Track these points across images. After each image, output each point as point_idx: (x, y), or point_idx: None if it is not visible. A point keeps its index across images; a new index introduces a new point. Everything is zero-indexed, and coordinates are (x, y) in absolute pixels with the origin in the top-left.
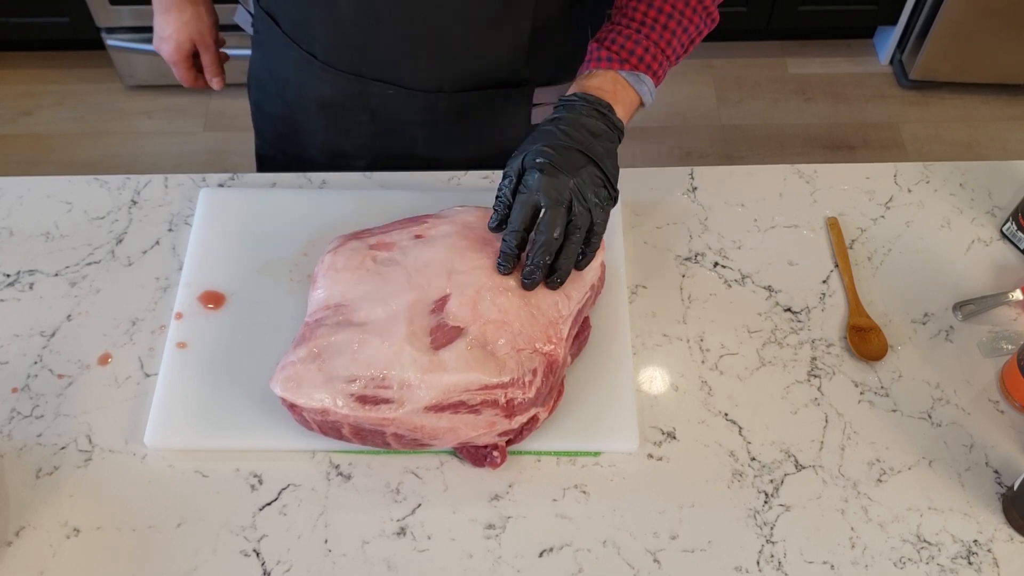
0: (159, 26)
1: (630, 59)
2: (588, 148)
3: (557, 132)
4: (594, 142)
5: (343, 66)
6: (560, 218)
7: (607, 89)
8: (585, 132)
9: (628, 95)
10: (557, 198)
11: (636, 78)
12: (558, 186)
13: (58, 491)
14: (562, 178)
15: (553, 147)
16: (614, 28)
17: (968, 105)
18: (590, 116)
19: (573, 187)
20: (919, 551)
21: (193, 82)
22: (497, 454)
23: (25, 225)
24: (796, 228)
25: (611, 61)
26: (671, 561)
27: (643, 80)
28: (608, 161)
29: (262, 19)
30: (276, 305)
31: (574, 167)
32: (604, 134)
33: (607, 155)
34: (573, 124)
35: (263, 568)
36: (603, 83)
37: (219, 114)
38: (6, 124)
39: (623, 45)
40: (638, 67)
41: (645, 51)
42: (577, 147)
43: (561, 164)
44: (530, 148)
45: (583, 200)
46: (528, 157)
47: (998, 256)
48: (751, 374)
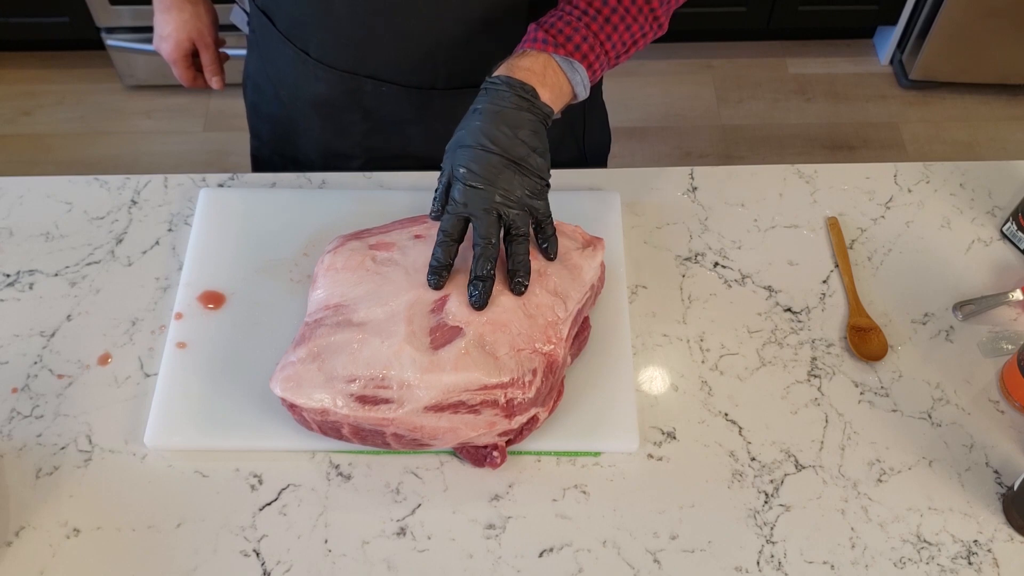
0: (159, 25)
1: (566, 45)
2: (507, 150)
3: (478, 133)
4: (514, 140)
5: (337, 64)
6: (493, 226)
7: (536, 71)
8: (504, 128)
9: (558, 80)
10: (484, 207)
11: (570, 65)
12: (483, 196)
13: (58, 491)
14: (486, 188)
15: (473, 158)
16: (556, 13)
17: (968, 105)
18: (511, 105)
19: (499, 195)
20: (919, 551)
21: (192, 82)
22: (497, 454)
23: (25, 225)
24: (796, 228)
25: (546, 43)
26: (671, 561)
27: (577, 69)
28: (532, 157)
29: (257, 18)
30: (276, 305)
31: (495, 174)
32: (527, 123)
33: (529, 152)
34: (493, 120)
35: (263, 568)
36: (533, 64)
37: (219, 114)
38: (6, 124)
39: (561, 30)
40: (573, 54)
41: (583, 40)
42: (496, 151)
43: (483, 173)
44: (456, 153)
45: (511, 203)
46: (453, 167)
47: (998, 256)
48: (751, 374)
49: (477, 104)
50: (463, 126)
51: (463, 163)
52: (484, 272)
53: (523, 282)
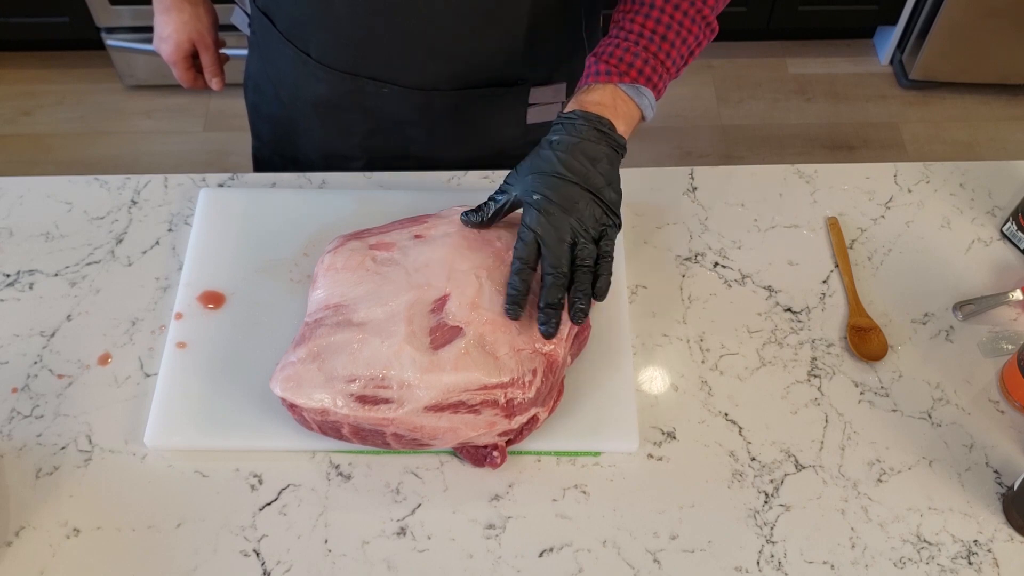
0: (159, 26)
1: (629, 72)
2: (585, 179)
3: (555, 161)
4: (592, 171)
5: (338, 65)
6: (564, 255)
7: (607, 104)
8: (583, 159)
9: (629, 109)
10: (558, 237)
11: (636, 91)
12: (558, 224)
13: (58, 491)
14: (561, 216)
15: (550, 185)
16: (611, 41)
17: (968, 105)
18: (589, 138)
19: (573, 224)
20: (919, 551)
21: (192, 83)
22: (497, 454)
23: (25, 225)
24: (796, 228)
25: (610, 75)
26: (671, 561)
27: (643, 93)
28: (607, 191)
29: (258, 19)
30: (276, 305)
31: (572, 203)
32: (604, 157)
33: (606, 183)
34: (571, 151)
35: (263, 568)
36: (603, 98)
37: (219, 114)
38: (6, 124)
39: (621, 58)
40: (638, 80)
41: (644, 63)
42: (574, 180)
43: (560, 201)
44: (528, 179)
45: (585, 234)
46: (526, 192)
47: (998, 256)
48: (751, 374)
49: (552, 136)
50: (537, 154)
51: (539, 189)
52: (555, 300)
53: (583, 312)
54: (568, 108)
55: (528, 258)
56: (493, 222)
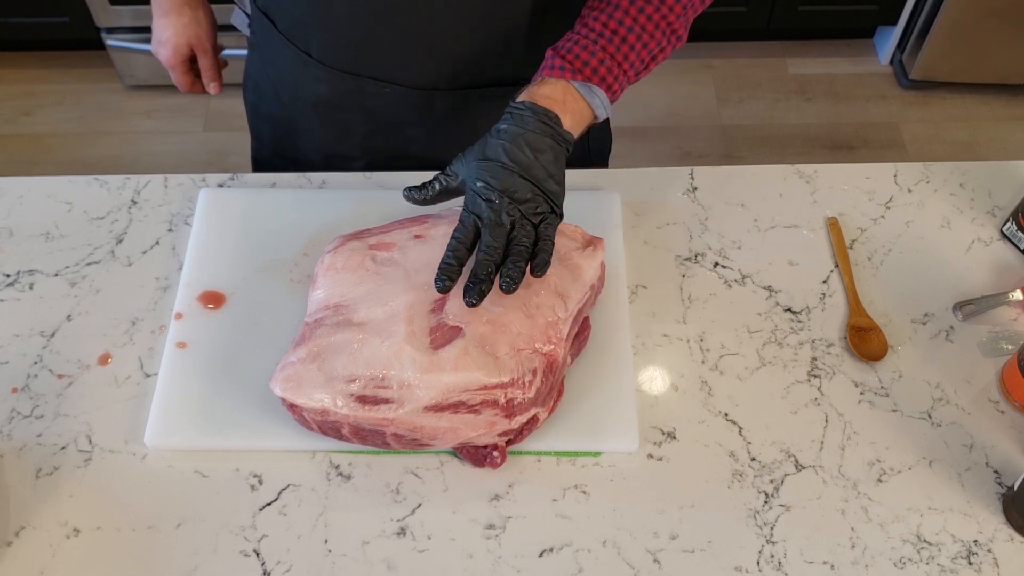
0: (157, 30)
1: (583, 70)
2: (527, 170)
3: (500, 151)
4: (535, 162)
5: (339, 65)
6: (500, 237)
7: (556, 99)
8: (527, 150)
9: (579, 106)
10: (496, 220)
11: (588, 89)
12: (497, 209)
13: (58, 491)
14: (501, 202)
15: (493, 173)
16: (572, 37)
17: (968, 105)
18: (535, 130)
19: (511, 211)
20: (919, 551)
21: (190, 87)
22: (497, 454)
23: (25, 225)
24: (796, 228)
25: (563, 70)
26: (671, 561)
27: (595, 92)
28: (549, 182)
29: (258, 19)
30: (276, 305)
31: (512, 192)
32: (548, 149)
33: (548, 175)
34: (515, 141)
35: (263, 568)
36: (553, 92)
37: (219, 114)
38: (6, 124)
39: (578, 55)
40: (591, 78)
41: (600, 63)
42: (516, 170)
43: (501, 189)
44: (472, 165)
45: (523, 220)
46: (470, 179)
47: (998, 256)
48: (751, 374)
49: (500, 125)
50: (484, 142)
51: (482, 176)
52: (483, 274)
53: (512, 279)
54: (519, 98)
55: (465, 239)
56: (435, 202)
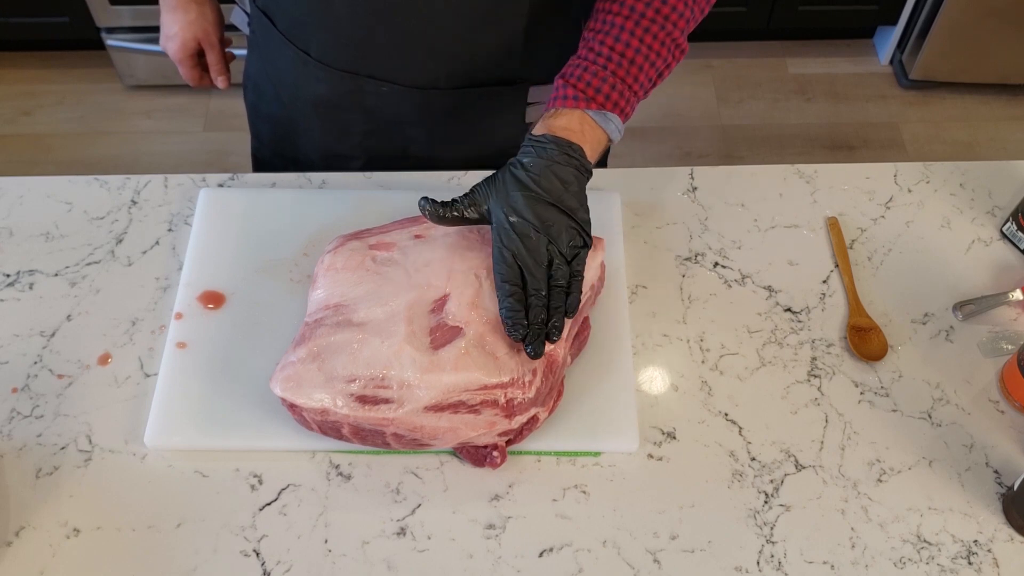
0: (165, 25)
1: (596, 97)
2: (560, 200)
3: (530, 182)
4: (565, 192)
5: (338, 64)
6: (543, 278)
7: (575, 130)
8: (557, 182)
9: (596, 135)
10: (536, 261)
11: (603, 117)
12: (535, 248)
13: (58, 491)
14: (537, 238)
15: (528, 204)
16: (580, 63)
17: (968, 105)
18: (560, 161)
19: (550, 247)
20: (919, 551)
21: (198, 81)
22: (497, 454)
23: (25, 225)
24: (796, 228)
25: (577, 99)
26: (671, 561)
27: (610, 119)
28: (580, 211)
29: (258, 19)
30: (276, 305)
31: (548, 224)
32: (575, 180)
33: (579, 205)
34: (544, 173)
35: (263, 568)
36: (570, 123)
37: (219, 114)
38: (6, 124)
39: (589, 83)
40: (605, 105)
41: (612, 88)
42: (550, 200)
43: (535, 222)
44: (503, 196)
45: (560, 256)
46: (501, 211)
47: (998, 256)
48: (751, 374)
49: (523, 158)
50: (510, 175)
51: (517, 209)
52: (539, 321)
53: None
54: (537, 131)
55: (516, 279)
56: (451, 224)
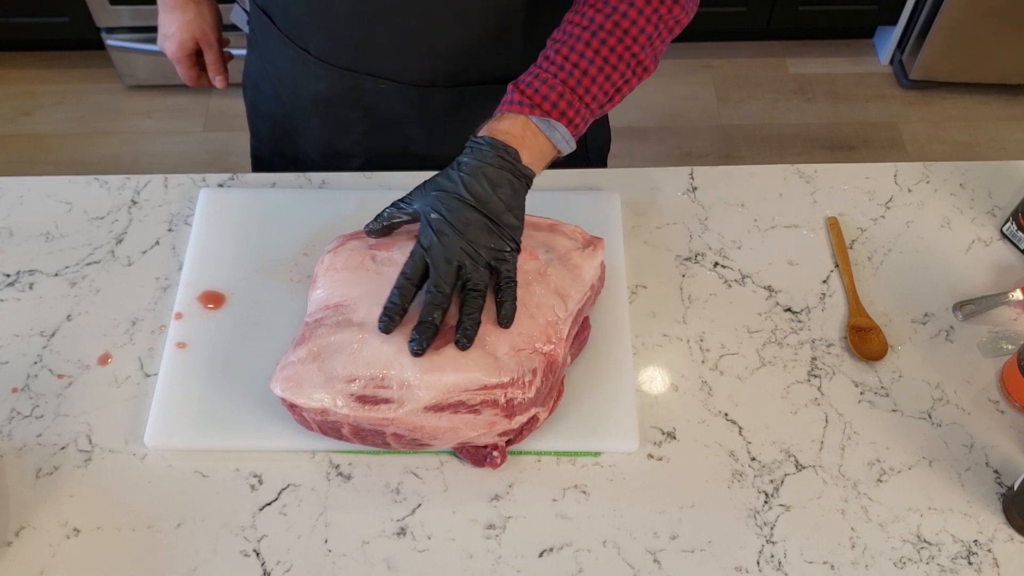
0: (163, 24)
1: (542, 104)
2: (484, 204)
3: (458, 183)
4: (492, 196)
5: (337, 61)
6: (448, 277)
7: (515, 134)
8: (485, 183)
9: (538, 141)
10: (445, 257)
11: (547, 124)
12: (447, 245)
13: (58, 491)
14: (453, 237)
15: (449, 206)
16: (534, 71)
17: (968, 105)
18: (492, 163)
19: (464, 247)
20: (919, 551)
21: (196, 81)
22: (497, 454)
23: (25, 225)
24: (796, 228)
25: (522, 105)
26: (671, 561)
27: (555, 127)
28: (507, 216)
29: (257, 17)
30: (276, 305)
31: (465, 226)
32: (507, 183)
33: (507, 208)
34: (474, 174)
35: (263, 568)
36: (512, 127)
37: (219, 114)
38: (6, 124)
39: (537, 89)
40: (550, 113)
41: (560, 97)
42: (473, 204)
43: (454, 223)
44: (430, 196)
45: (475, 257)
46: (424, 209)
47: (998, 256)
48: (751, 374)
49: (461, 158)
50: (444, 173)
51: (437, 208)
52: (428, 319)
53: (467, 338)
54: (480, 133)
55: (412, 275)
56: (391, 232)
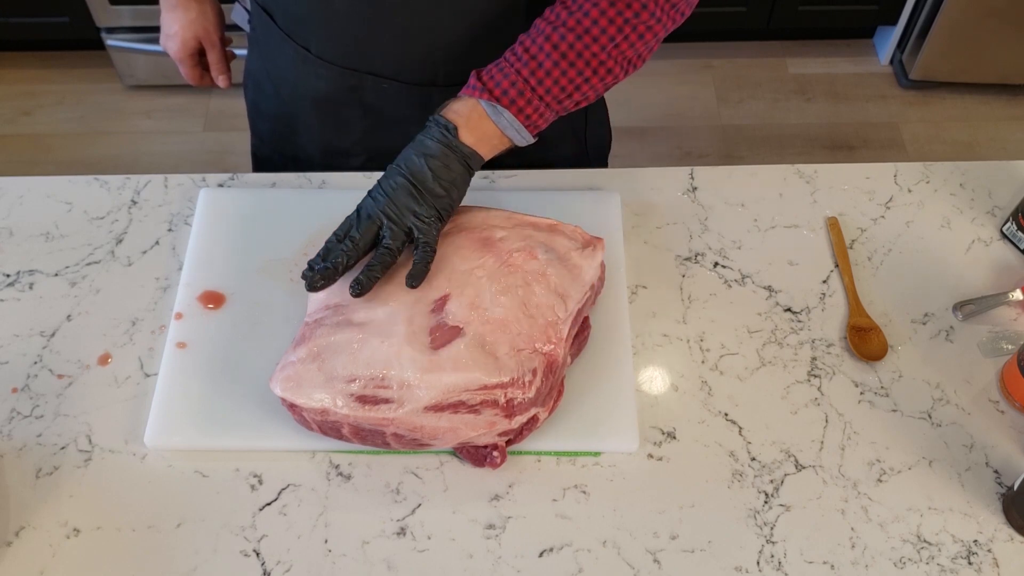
0: (165, 24)
1: (494, 90)
2: (413, 173)
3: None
4: (422, 165)
5: (338, 61)
6: (366, 232)
7: (462, 114)
8: (420, 154)
9: (483, 124)
10: (369, 215)
11: (494, 110)
12: (372, 205)
13: (58, 491)
14: (380, 200)
15: (387, 174)
16: (499, 62)
17: (968, 105)
18: (432, 137)
19: (385, 209)
20: (919, 551)
21: (199, 80)
22: (497, 454)
23: (25, 225)
24: (796, 228)
25: (475, 89)
26: (671, 561)
27: (502, 113)
28: (431, 183)
29: (258, 15)
30: (276, 305)
31: (394, 190)
32: (440, 156)
33: (433, 178)
34: (416, 146)
35: (263, 568)
36: (461, 108)
37: (219, 114)
38: (6, 124)
39: (493, 76)
40: (500, 100)
41: (512, 85)
42: (403, 172)
43: (385, 187)
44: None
45: (395, 218)
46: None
47: (998, 256)
48: (751, 374)
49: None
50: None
51: (383, 177)
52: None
53: (360, 283)
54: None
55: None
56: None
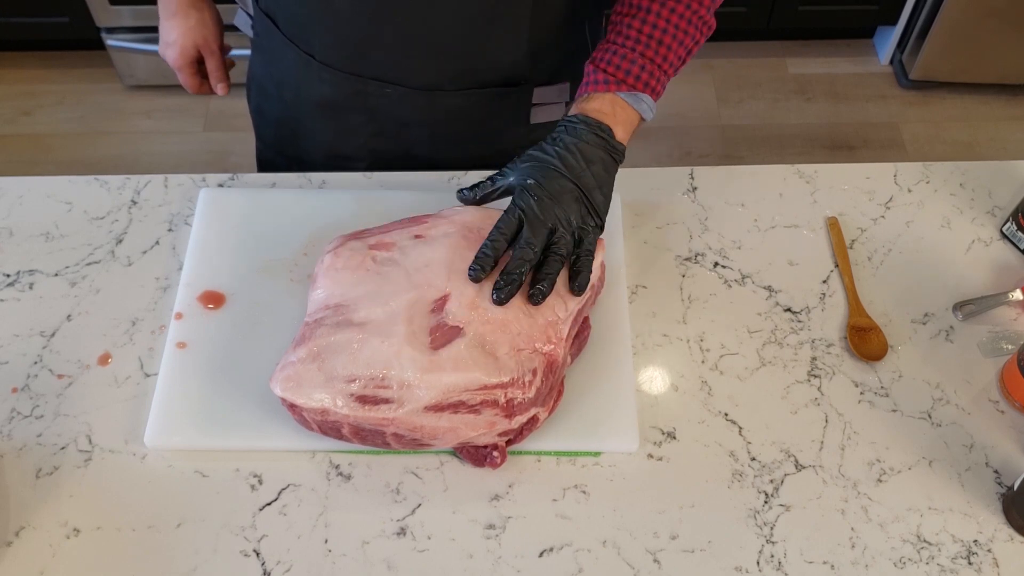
0: (164, 31)
1: (627, 79)
2: (578, 177)
3: (553, 156)
4: (586, 171)
5: (341, 66)
6: (540, 236)
7: (606, 112)
8: (580, 158)
9: (628, 115)
10: (541, 218)
11: (634, 97)
12: (543, 208)
13: (58, 491)
14: (548, 202)
15: (545, 175)
16: (609, 47)
17: (968, 105)
18: (588, 141)
19: (557, 212)
20: (919, 551)
21: (198, 88)
22: (497, 454)
23: (25, 225)
24: (796, 228)
25: (607, 83)
26: (671, 561)
27: (641, 99)
28: (596, 192)
29: (261, 20)
30: (276, 305)
31: (560, 194)
32: (599, 161)
33: (598, 185)
34: (570, 148)
35: (263, 568)
36: (602, 106)
37: (219, 114)
38: (6, 124)
39: (619, 66)
40: (635, 86)
41: (641, 69)
42: (567, 175)
43: (550, 190)
44: (525, 167)
45: (566, 224)
46: (520, 178)
47: (998, 256)
48: (751, 374)
49: (556, 135)
50: (538, 147)
51: (535, 176)
52: (515, 272)
53: (542, 292)
54: (570, 113)
55: (507, 230)
56: (485, 201)
